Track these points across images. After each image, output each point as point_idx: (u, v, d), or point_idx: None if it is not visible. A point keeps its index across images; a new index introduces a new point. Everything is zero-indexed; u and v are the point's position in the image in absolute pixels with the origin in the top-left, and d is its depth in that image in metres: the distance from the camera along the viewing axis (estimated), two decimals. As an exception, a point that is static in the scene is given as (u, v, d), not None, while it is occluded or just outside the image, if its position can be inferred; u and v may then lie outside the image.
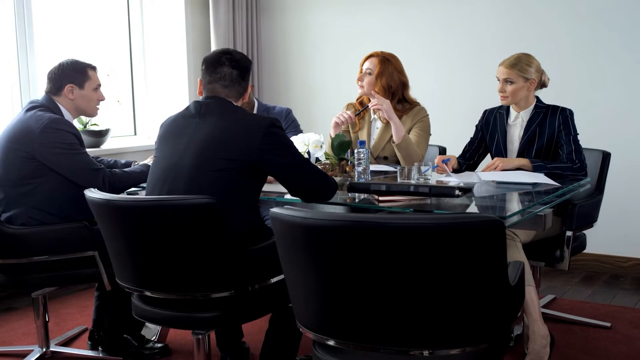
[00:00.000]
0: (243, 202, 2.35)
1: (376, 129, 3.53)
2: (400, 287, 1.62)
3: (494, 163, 3.10)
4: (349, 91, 4.22)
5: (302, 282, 1.76)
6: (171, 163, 2.38)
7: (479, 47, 4.59)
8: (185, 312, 2.30)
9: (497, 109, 3.41)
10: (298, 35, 5.31)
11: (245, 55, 2.58)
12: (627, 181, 4.10)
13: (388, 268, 1.60)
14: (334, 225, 1.60)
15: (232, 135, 2.32)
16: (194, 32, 5.08)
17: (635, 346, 3.10)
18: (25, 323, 3.54)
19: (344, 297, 1.68)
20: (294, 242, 1.70)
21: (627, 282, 4.15)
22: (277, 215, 1.71)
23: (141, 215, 2.13)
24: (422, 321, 1.66)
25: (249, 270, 2.27)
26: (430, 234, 1.54)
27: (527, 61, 3.17)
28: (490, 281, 1.63)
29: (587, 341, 3.16)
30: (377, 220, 1.55)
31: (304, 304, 1.80)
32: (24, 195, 2.79)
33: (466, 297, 1.63)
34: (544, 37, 4.34)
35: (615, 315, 3.50)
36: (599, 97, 4.21)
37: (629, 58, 4.14)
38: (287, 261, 1.78)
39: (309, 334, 1.83)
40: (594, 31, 4.22)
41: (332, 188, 2.47)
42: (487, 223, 1.55)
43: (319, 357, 1.88)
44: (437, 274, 1.59)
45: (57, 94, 2.93)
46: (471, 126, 3.61)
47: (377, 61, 3.43)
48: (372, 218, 1.57)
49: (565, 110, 3.21)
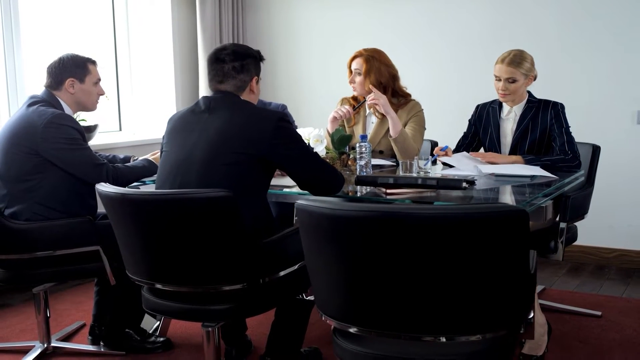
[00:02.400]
0: (253, 195, 2.38)
1: (371, 123, 3.58)
2: (424, 276, 1.67)
3: (485, 156, 3.17)
4: (336, 87, 4.26)
5: (327, 271, 1.80)
6: (182, 157, 2.40)
7: (466, 42, 4.66)
8: (197, 305, 2.32)
9: (490, 103, 3.48)
10: (284, 31, 5.34)
11: (243, 47, 2.57)
12: (610, 174, 4.20)
13: (414, 257, 1.64)
14: (362, 216, 1.64)
15: (243, 130, 2.35)
16: (180, 27, 5.08)
17: (626, 334, 3.20)
18: (21, 319, 3.52)
19: (368, 285, 1.72)
20: (320, 232, 1.74)
21: (612, 273, 4.26)
22: (304, 207, 1.74)
23: (157, 209, 2.15)
24: (445, 308, 1.71)
25: (262, 263, 2.30)
26: (457, 224, 1.59)
27: (525, 57, 3.23)
28: (513, 269, 1.69)
29: (580, 330, 3.25)
30: (405, 210, 1.60)
31: (327, 293, 1.84)
32: (27, 190, 2.78)
33: (489, 285, 1.68)
34: (531, 31, 4.42)
35: (604, 305, 3.60)
36: (585, 91, 4.31)
37: (617, 51, 4.25)
38: (311, 251, 1.82)
39: (331, 322, 1.87)
40: (581, 24, 4.32)
41: (341, 181, 2.52)
42: (513, 213, 1.61)
43: (339, 344, 1.92)
44: (462, 262, 1.64)
45: (57, 88, 2.92)
46: (459, 120, 3.68)
47: (363, 60, 3.46)
48: (400, 209, 1.61)
49: (557, 104, 3.29)
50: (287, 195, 2.69)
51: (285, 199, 2.72)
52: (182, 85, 5.16)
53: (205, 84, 5.10)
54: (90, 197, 2.94)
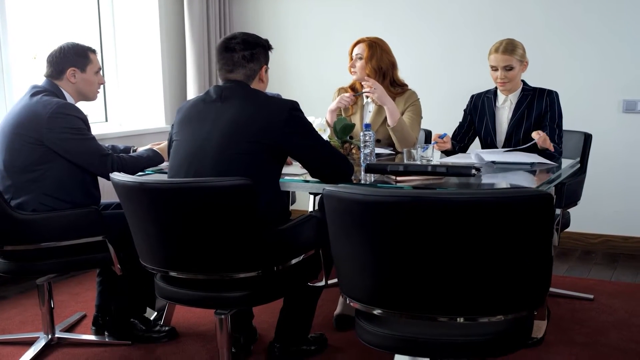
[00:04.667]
0: (267, 183, 2.41)
1: (368, 112, 3.62)
2: (453, 259, 1.72)
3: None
4: (325, 77, 4.29)
5: (354, 256, 1.84)
6: (195, 146, 2.41)
7: (455, 32, 4.73)
8: (211, 292, 2.35)
9: (485, 93, 3.55)
10: (272, 23, 5.34)
11: (253, 36, 2.59)
12: (596, 162, 4.28)
13: (442, 240, 1.69)
14: (394, 201, 1.68)
15: (256, 119, 2.38)
16: (167, 17, 5.05)
17: (618, 315, 3.31)
18: (20, 311, 3.50)
19: (396, 268, 1.77)
20: (349, 218, 1.78)
21: (599, 258, 4.38)
22: (333, 194, 1.78)
23: (177, 197, 2.17)
24: (470, 290, 1.76)
25: (276, 251, 2.33)
26: (488, 208, 1.64)
27: (517, 44, 3.31)
28: (537, 251, 1.75)
29: (574, 312, 3.34)
30: (437, 195, 1.64)
31: (354, 277, 1.88)
32: (32, 181, 2.77)
33: (514, 267, 1.74)
34: (520, 19, 4.50)
35: (594, 288, 3.71)
36: (572, 80, 4.41)
37: (606, 39, 4.34)
38: (339, 237, 1.85)
39: (356, 304, 1.91)
40: (568, 13, 4.41)
41: (351, 169, 2.56)
42: (540, 197, 1.67)
43: (362, 327, 1.96)
44: (489, 245, 1.70)
45: (58, 77, 2.90)
46: (449, 110, 3.74)
47: (366, 46, 3.51)
48: (432, 194, 1.66)
49: (552, 92, 3.37)
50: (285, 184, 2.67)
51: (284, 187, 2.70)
52: (170, 75, 5.14)
53: (193, 73, 5.13)
54: (94, 188, 2.94)
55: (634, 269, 4.13)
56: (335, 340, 3.02)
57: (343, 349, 2.94)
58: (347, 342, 3.01)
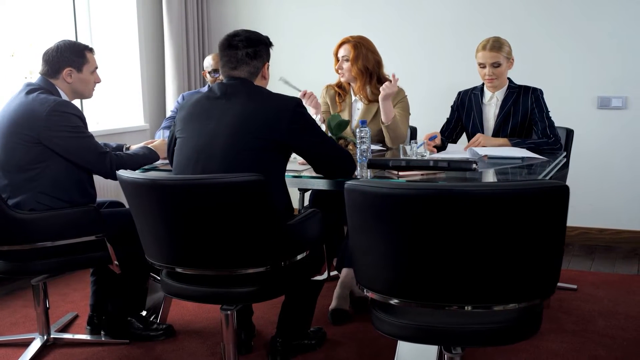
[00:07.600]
0: (274, 179, 2.44)
1: (357, 110, 3.67)
2: (471, 249, 1.77)
3: (477, 139, 3.31)
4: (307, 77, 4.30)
5: (374, 248, 1.87)
6: (201, 143, 2.42)
7: (437, 29, 4.80)
8: (219, 288, 2.36)
9: (472, 90, 3.63)
10: (251, 24, 5.33)
11: (255, 34, 2.62)
12: (572, 156, 4.40)
13: (463, 232, 1.75)
14: (417, 194, 1.73)
15: (261, 115, 2.40)
16: (145, 17, 5.02)
17: (602, 304, 3.42)
18: (10, 313, 3.45)
19: (415, 259, 1.81)
20: (371, 212, 1.82)
21: (576, 249, 4.51)
22: (355, 187, 1.82)
23: (188, 194, 2.17)
24: (486, 280, 1.81)
25: (285, 246, 2.36)
26: (507, 200, 1.70)
27: (503, 42, 3.40)
28: (552, 241, 1.82)
29: (561, 302, 3.44)
30: (461, 188, 1.70)
31: (373, 269, 1.92)
32: (29, 180, 2.74)
33: (530, 257, 1.80)
34: (498, 17, 4.60)
35: (576, 279, 3.82)
36: (548, 77, 4.52)
37: (591, 34, 4.45)
38: (359, 230, 1.89)
39: (373, 295, 1.95)
40: (545, 12, 4.52)
41: (354, 165, 2.61)
42: (557, 188, 1.74)
43: (379, 317, 2.01)
44: (507, 236, 1.75)
45: (54, 76, 2.88)
46: (430, 106, 3.79)
47: (351, 47, 3.55)
48: (456, 187, 1.71)
49: (537, 90, 3.47)
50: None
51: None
52: (148, 73, 5.11)
53: (172, 72, 5.11)
54: (90, 186, 2.92)
55: (611, 259, 4.27)
56: (332, 334, 3.07)
57: (342, 343, 2.99)
58: (344, 335, 3.06)
